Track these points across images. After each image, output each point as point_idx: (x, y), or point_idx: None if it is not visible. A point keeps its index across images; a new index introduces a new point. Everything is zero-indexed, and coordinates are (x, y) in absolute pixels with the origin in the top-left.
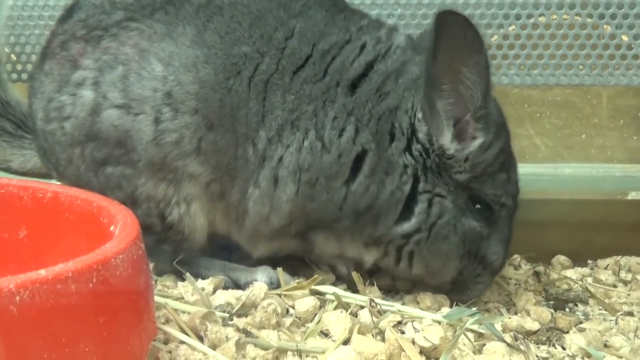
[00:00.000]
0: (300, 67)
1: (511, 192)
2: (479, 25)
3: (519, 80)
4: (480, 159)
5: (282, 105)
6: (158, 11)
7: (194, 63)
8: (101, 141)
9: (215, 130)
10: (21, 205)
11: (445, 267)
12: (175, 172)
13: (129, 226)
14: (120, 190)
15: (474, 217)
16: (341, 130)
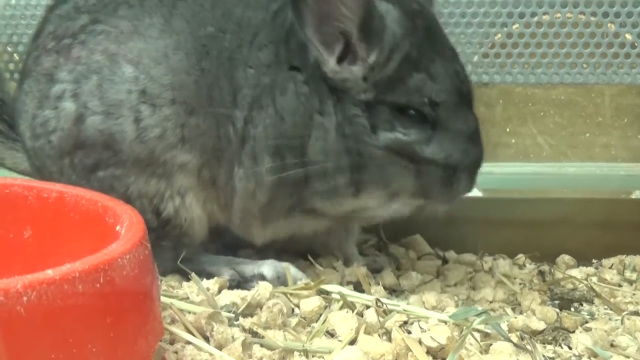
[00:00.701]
0: (255, 35)
1: (442, 87)
2: (483, 24)
3: (523, 79)
4: (381, 75)
5: (246, 81)
6: (121, 6)
7: (164, 54)
8: (89, 148)
9: (196, 114)
10: (26, 205)
11: (399, 183)
12: (165, 165)
13: (134, 226)
14: (113, 192)
15: (403, 127)
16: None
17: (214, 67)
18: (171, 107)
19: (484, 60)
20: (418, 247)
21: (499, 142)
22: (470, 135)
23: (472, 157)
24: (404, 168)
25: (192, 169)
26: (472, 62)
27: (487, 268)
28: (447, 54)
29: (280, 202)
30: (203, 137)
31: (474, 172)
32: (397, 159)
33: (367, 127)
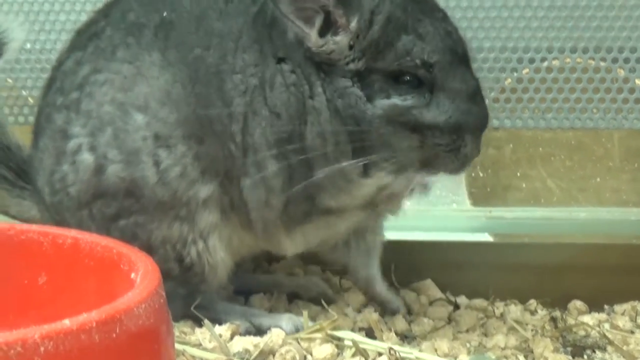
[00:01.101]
0: (238, 40)
1: (434, 46)
2: (493, 69)
3: (533, 124)
4: (367, 41)
5: (235, 89)
6: (119, 48)
7: (166, 92)
8: (109, 196)
9: (204, 142)
10: (41, 251)
11: (405, 154)
12: (188, 205)
13: (150, 274)
14: (136, 240)
15: (399, 93)
16: (278, 86)
17: (204, 88)
18: (184, 143)
19: (494, 105)
20: (429, 292)
21: (509, 186)
22: (471, 95)
23: (476, 116)
24: (407, 138)
25: (215, 201)
26: None
27: (499, 314)
28: (436, 14)
29: (295, 206)
30: (214, 163)
31: (479, 133)
32: (398, 127)
33: (362, 97)
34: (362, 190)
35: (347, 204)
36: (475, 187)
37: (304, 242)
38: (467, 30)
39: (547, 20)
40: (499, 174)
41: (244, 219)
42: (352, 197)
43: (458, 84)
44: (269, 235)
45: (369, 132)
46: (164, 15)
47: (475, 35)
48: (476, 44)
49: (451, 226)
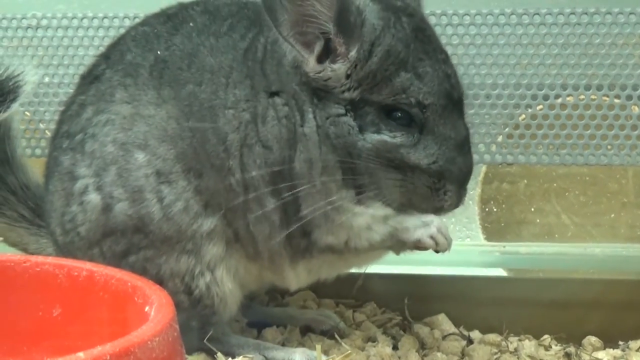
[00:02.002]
0: (229, 76)
1: (430, 88)
2: (507, 105)
3: (548, 160)
4: (364, 72)
5: (229, 125)
6: (117, 90)
7: (163, 129)
8: (118, 234)
9: (203, 175)
10: (56, 283)
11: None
12: (193, 238)
13: (164, 307)
14: (146, 274)
15: (389, 129)
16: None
17: (198, 121)
18: (184, 178)
19: (508, 141)
20: (442, 327)
21: (523, 220)
22: (459, 144)
23: (460, 167)
24: (391, 174)
25: (219, 234)
26: (497, 143)
27: (513, 349)
28: (438, 56)
29: (295, 242)
30: (215, 197)
31: (462, 184)
32: (384, 162)
33: (354, 127)
34: (358, 221)
35: (351, 240)
36: (489, 221)
37: (309, 277)
38: (481, 67)
39: (562, 57)
40: (513, 209)
41: (250, 250)
42: (351, 231)
43: (448, 131)
44: (275, 266)
45: (357, 162)
46: (158, 53)
47: (489, 72)
48: (490, 80)
49: (465, 261)
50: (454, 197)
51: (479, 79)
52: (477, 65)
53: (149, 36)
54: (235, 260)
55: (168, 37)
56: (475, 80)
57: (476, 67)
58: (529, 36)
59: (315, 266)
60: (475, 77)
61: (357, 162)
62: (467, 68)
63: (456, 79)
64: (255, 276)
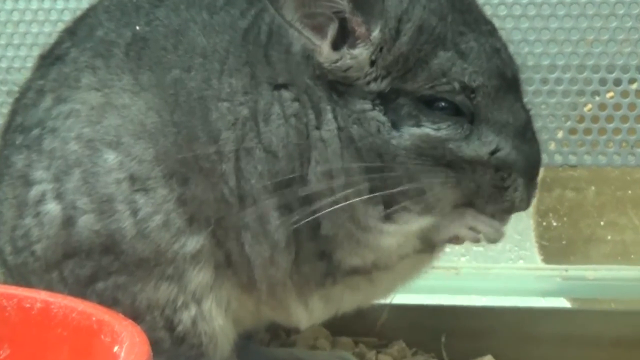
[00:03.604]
0: (224, 61)
1: (477, 67)
2: (569, 93)
3: (620, 161)
4: (393, 55)
5: (222, 120)
6: (84, 74)
7: (140, 122)
8: (83, 254)
9: (190, 182)
10: (4, 317)
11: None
12: (174, 262)
13: (137, 347)
14: (118, 306)
15: (431, 120)
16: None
17: (186, 116)
18: (165, 185)
19: (570, 138)
20: None
21: (590, 238)
22: (520, 130)
23: (527, 156)
24: (442, 173)
25: (206, 256)
26: (556, 140)
27: None
28: (482, 27)
29: (309, 266)
30: (203, 208)
31: (530, 179)
32: (429, 161)
33: (385, 123)
34: (388, 241)
35: (380, 260)
36: (548, 238)
37: (326, 311)
38: (535, 45)
39: (637, 31)
40: (578, 223)
41: (245, 278)
42: (380, 252)
43: (505, 116)
44: (276, 300)
45: (391, 167)
46: (136, 29)
47: (545, 50)
48: (547, 60)
49: (517, 288)
50: (524, 193)
51: (532, 59)
52: (531, 42)
53: (125, 7)
54: (227, 290)
55: (150, 9)
56: (528, 61)
57: (529, 45)
58: (595, 5)
59: (336, 294)
60: (528, 58)
61: (391, 166)
62: (518, 46)
63: (507, 54)
64: (252, 311)
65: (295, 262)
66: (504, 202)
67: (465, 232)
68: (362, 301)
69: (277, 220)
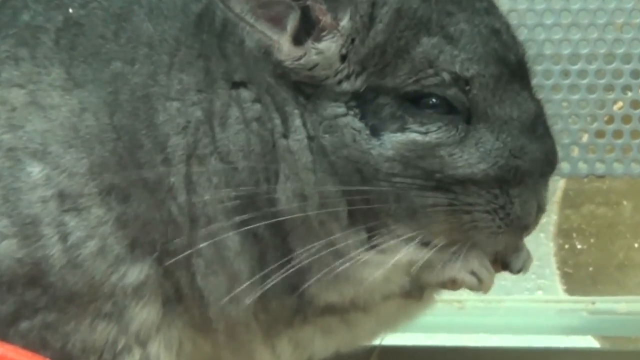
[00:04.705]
0: (174, 53)
1: (471, 53)
2: (596, 87)
3: None
4: (367, 47)
5: (171, 123)
6: (4, 66)
7: (71, 126)
8: (4, 287)
9: (131, 198)
10: None
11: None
12: (113, 296)
13: None
14: (46, 349)
15: (420, 122)
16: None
17: (128, 119)
18: (101, 203)
19: (597, 142)
20: None
21: (623, 263)
22: (528, 125)
23: (534, 156)
24: (431, 196)
25: (152, 288)
26: (580, 145)
27: None
28: (476, 5)
29: (277, 302)
30: (148, 231)
31: (542, 180)
32: (420, 179)
33: (362, 130)
34: (372, 275)
35: (360, 297)
36: (571, 264)
37: (295, 356)
38: (554, 30)
39: None
40: (610, 246)
41: (198, 316)
42: (361, 287)
43: (508, 110)
44: (238, 343)
45: (372, 183)
46: (69, 13)
47: (566, 37)
48: (568, 49)
49: (536, 325)
50: (530, 204)
51: (550, 47)
52: (548, 27)
53: None
54: (178, 330)
55: None
56: (546, 49)
57: (546, 30)
58: None
59: (306, 337)
60: (545, 45)
61: (372, 182)
62: (532, 31)
63: (510, 35)
64: (210, 356)
65: (260, 298)
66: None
67: (465, 276)
68: (337, 347)
69: (237, 246)
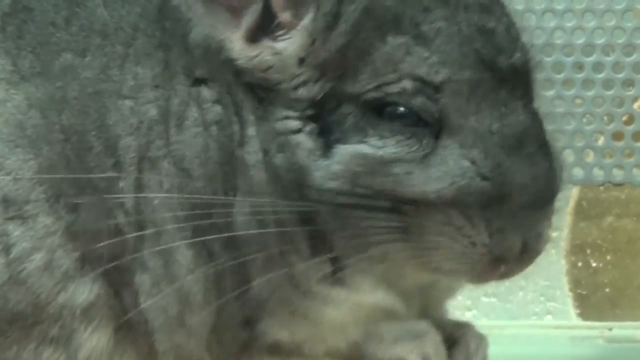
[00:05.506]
0: (130, 43)
1: (446, 56)
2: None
3: None
4: (327, 49)
5: (122, 124)
6: None
7: (17, 124)
8: None
9: (80, 205)
10: None
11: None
12: (60, 318)
13: None
14: None
15: (379, 135)
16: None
17: (77, 118)
18: (49, 211)
19: (615, 145)
20: None
21: None
22: (513, 142)
23: (516, 181)
24: (383, 219)
25: (102, 310)
26: (595, 149)
27: None
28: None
29: (231, 335)
30: (97, 244)
31: (535, 215)
32: (368, 197)
33: (313, 149)
34: (333, 314)
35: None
36: (585, 285)
37: None
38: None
39: None
40: (630, 263)
41: (142, 344)
42: (317, 328)
43: (486, 122)
44: None
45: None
46: None
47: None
48: (582, 38)
49: (544, 355)
50: (515, 242)
51: (562, 36)
52: (559, 13)
53: None
54: (133, 359)
55: None
56: (556, 38)
57: (557, 17)
58: None
59: None
60: (555, 34)
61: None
62: (540, 18)
63: (508, 37)
64: None
65: (215, 328)
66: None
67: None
68: None
69: (189, 262)
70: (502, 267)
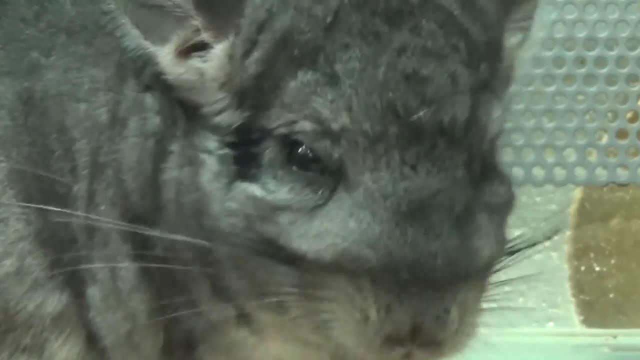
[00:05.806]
0: (90, 42)
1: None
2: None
3: None
4: (244, 77)
5: (78, 127)
6: None
7: None
8: None
9: (47, 212)
10: None
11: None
12: (32, 327)
13: None
14: None
15: (279, 177)
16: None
17: (40, 120)
18: (20, 215)
19: (619, 144)
20: None
21: None
22: (412, 209)
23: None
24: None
25: (72, 320)
26: (598, 147)
27: None
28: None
29: (177, 354)
30: (62, 251)
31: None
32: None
33: (218, 169)
34: (252, 356)
35: None
36: (590, 291)
37: None
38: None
39: None
40: (635, 268)
41: None
42: None
43: (382, 182)
44: None
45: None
46: None
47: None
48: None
49: None
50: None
51: (563, 29)
52: (559, 5)
53: None
54: None
55: None
56: (556, 32)
57: (558, 9)
58: None
59: None
60: (555, 27)
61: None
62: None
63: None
64: None
65: (165, 347)
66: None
67: None
68: None
69: (133, 279)
70: (399, 349)
